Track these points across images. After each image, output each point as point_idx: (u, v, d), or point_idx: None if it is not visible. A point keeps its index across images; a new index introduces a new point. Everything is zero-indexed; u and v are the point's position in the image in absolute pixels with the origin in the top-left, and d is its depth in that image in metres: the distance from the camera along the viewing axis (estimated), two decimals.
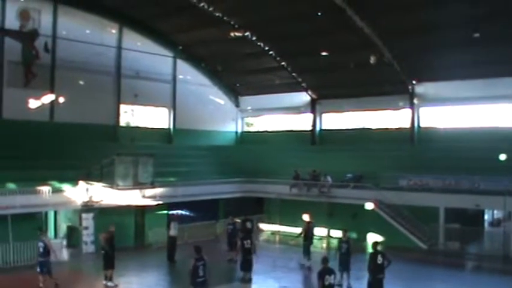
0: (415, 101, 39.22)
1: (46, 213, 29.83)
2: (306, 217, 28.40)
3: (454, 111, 38.38)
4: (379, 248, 19.54)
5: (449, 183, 31.65)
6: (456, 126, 37.77)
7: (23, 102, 34.31)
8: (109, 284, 22.57)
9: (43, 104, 35.27)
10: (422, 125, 39.46)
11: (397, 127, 40.63)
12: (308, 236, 27.43)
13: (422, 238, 31.07)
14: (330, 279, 15.83)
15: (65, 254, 29.33)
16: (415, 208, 31.42)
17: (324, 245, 33.77)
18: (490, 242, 30.75)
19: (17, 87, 34.08)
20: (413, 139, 39.25)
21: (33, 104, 34.54)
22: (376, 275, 18.85)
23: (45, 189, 27.62)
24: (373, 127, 41.99)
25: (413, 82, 38.84)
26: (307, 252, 27.00)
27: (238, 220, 28.71)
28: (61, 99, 36.15)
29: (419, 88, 39.17)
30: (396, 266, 21.92)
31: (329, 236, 34.59)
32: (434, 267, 27.01)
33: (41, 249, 21.41)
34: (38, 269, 21.34)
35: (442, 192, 30.89)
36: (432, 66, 36.54)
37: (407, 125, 39.68)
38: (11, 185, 27.41)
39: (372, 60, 34.21)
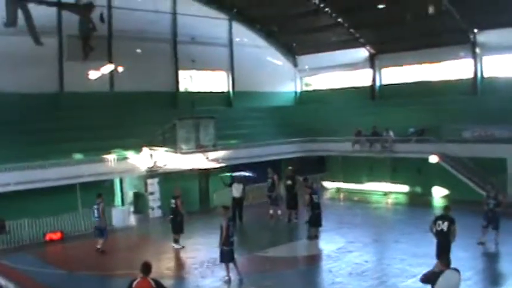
0: (477, 50, 37.66)
1: (112, 181, 30.59)
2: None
3: None
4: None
5: None
6: None
7: (83, 74, 34.50)
8: (175, 246, 23.16)
9: (103, 75, 35.51)
10: (485, 75, 37.96)
11: (458, 78, 39.18)
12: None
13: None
14: (442, 226, 16.94)
15: (132, 220, 30.15)
16: (480, 160, 30.66)
17: (389, 201, 33.56)
18: None
19: (77, 60, 34.47)
20: (476, 90, 37.87)
21: (93, 75, 34.92)
22: None
23: (110, 157, 28.35)
24: (434, 79, 40.78)
25: (475, 31, 37.49)
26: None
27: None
28: (120, 69, 36.41)
29: (481, 37, 37.60)
30: (465, 219, 21.63)
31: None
32: (505, 220, 26.46)
33: (96, 213, 22.58)
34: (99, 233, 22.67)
35: (509, 143, 30.03)
36: (494, 12, 34.61)
37: (470, 75, 38.29)
38: (78, 155, 28.19)
39: (431, 10, 33.14)
